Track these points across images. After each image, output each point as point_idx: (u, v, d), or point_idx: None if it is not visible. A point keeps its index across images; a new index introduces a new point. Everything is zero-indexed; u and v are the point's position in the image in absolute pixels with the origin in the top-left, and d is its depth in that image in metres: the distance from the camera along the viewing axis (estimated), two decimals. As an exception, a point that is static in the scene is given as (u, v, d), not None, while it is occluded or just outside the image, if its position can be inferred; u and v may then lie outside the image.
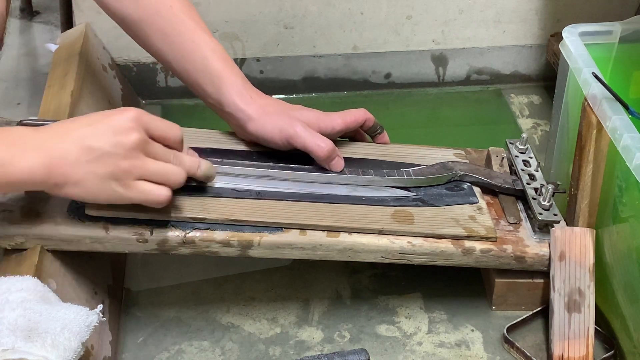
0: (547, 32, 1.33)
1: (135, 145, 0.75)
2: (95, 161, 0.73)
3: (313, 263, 0.92)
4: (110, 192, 0.75)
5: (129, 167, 0.75)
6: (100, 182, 0.74)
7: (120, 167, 0.74)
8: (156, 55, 0.94)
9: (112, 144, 0.74)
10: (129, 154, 0.75)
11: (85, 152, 0.73)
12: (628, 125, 0.83)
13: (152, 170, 0.77)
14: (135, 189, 0.76)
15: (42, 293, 0.74)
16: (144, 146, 0.76)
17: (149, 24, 0.92)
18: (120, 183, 0.75)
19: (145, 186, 0.76)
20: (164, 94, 1.30)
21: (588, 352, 0.86)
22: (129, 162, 0.75)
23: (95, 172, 0.74)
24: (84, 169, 0.73)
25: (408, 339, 0.91)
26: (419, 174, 0.94)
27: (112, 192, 0.75)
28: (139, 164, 0.75)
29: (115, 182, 0.75)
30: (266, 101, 0.93)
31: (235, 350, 0.89)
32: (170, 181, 0.78)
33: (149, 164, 0.76)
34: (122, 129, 0.75)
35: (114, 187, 0.75)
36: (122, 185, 0.75)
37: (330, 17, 1.28)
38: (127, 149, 0.74)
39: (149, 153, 0.77)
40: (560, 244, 0.88)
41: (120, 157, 0.74)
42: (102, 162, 0.74)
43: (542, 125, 1.28)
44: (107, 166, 0.74)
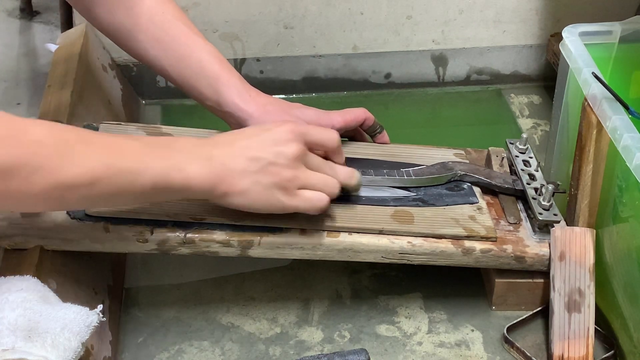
0: (547, 32, 1.33)
1: (296, 156, 0.78)
2: (260, 171, 0.77)
3: (313, 263, 0.92)
4: (274, 201, 0.78)
5: (292, 176, 0.78)
6: (264, 191, 0.77)
7: (284, 176, 0.77)
8: (151, 62, 0.94)
9: (275, 154, 0.77)
10: (291, 164, 0.78)
11: (251, 162, 0.76)
12: (628, 125, 0.83)
13: (312, 180, 0.80)
14: (298, 198, 0.79)
15: (42, 293, 0.74)
16: (303, 157, 0.79)
17: (142, 31, 0.92)
18: (283, 192, 0.78)
19: (307, 194, 0.80)
20: (164, 94, 1.30)
21: (588, 352, 0.86)
22: (291, 171, 0.78)
23: (261, 182, 0.77)
24: (250, 178, 0.76)
25: (408, 339, 0.91)
26: (419, 174, 0.94)
27: (275, 200, 0.78)
28: (301, 174, 0.79)
29: (279, 191, 0.78)
30: (266, 100, 0.93)
31: (235, 350, 0.89)
32: (326, 191, 0.81)
33: (309, 174, 0.80)
34: (283, 140, 0.78)
35: (278, 196, 0.78)
36: (285, 194, 0.78)
37: (330, 17, 1.28)
38: (289, 159, 0.78)
39: (307, 164, 0.80)
40: (560, 244, 0.88)
41: (283, 167, 0.77)
42: (266, 172, 0.77)
43: (542, 125, 1.28)
44: (271, 176, 0.77)
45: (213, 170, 0.75)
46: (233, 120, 0.93)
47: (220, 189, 0.76)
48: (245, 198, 0.77)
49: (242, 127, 0.93)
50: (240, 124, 0.93)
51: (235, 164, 0.76)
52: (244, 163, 0.76)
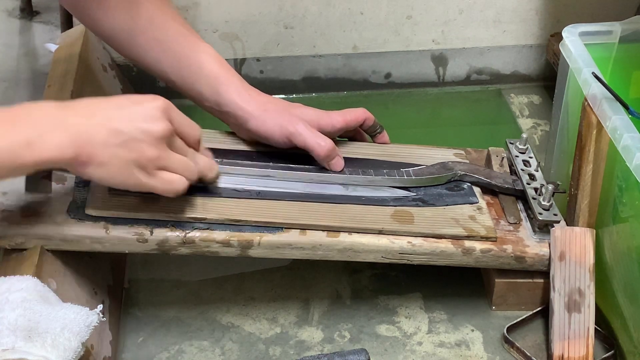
0: (547, 32, 1.33)
1: (162, 136, 0.76)
2: (121, 146, 0.74)
3: (313, 263, 0.92)
4: (132, 178, 0.76)
5: (154, 156, 0.76)
6: (124, 166, 0.75)
7: (146, 154, 0.75)
8: (149, 64, 0.94)
9: (140, 131, 0.75)
10: (155, 143, 0.75)
11: (113, 135, 0.74)
12: (628, 125, 0.83)
13: (174, 163, 0.78)
14: (157, 178, 0.77)
15: (42, 293, 0.74)
16: (169, 138, 0.77)
17: (141, 33, 0.92)
18: (142, 170, 0.76)
19: (167, 176, 0.77)
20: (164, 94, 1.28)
21: (588, 352, 0.86)
22: (154, 151, 0.76)
23: (121, 156, 0.74)
24: (110, 151, 0.74)
25: (408, 339, 0.91)
26: (419, 174, 0.94)
27: (134, 178, 0.76)
28: (164, 155, 0.77)
29: (138, 169, 0.75)
30: (266, 99, 0.93)
31: (235, 350, 0.89)
32: (185, 175, 0.79)
33: (171, 155, 0.78)
34: (151, 117, 0.76)
35: (137, 174, 0.76)
36: (144, 173, 0.76)
37: (330, 17, 1.28)
38: (154, 138, 0.75)
39: (171, 145, 0.78)
40: (560, 244, 0.88)
41: (146, 144, 0.75)
42: (129, 147, 0.74)
43: (542, 125, 1.28)
44: (133, 152, 0.74)
45: (70, 140, 0.72)
46: (233, 120, 0.93)
47: (79, 159, 0.73)
48: (103, 170, 0.74)
49: (243, 127, 0.93)
50: (241, 124, 0.93)
51: (95, 135, 0.73)
52: (105, 135, 0.73)
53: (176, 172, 0.78)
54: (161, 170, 0.77)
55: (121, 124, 0.74)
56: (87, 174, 0.75)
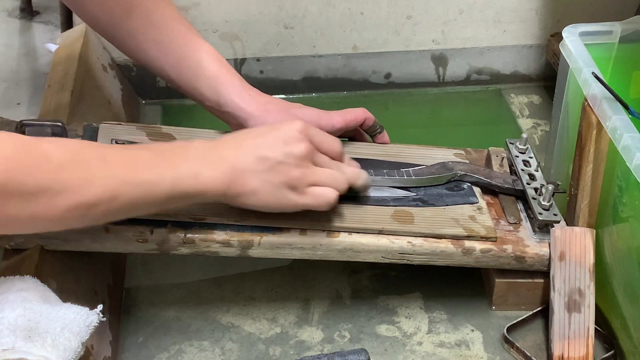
0: (547, 32, 1.33)
1: (304, 155, 0.79)
2: (270, 171, 0.78)
3: (313, 263, 0.92)
4: (285, 200, 0.79)
5: (301, 175, 0.79)
6: (275, 190, 0.78)
7: (293, 175, 0.79)
8: (150, 63, 0.94)
9: (284, 154, 0.78)
10: (300, 163, 0.79)
11: (260, 162, 0.78)
12: (628, 125, 0.83)
13: (321, 177, 0.81)
14: (308, 195, 0.80)
15: (42, 293, 0.74)
16: (312, 156, 0.80)
17: (141, 32, 0.92)
18: (293, 190, 0.79)
19: (316, 190, 0.81)
20: (164, 94, 1.30)
21: (588, 352, 0.86)
22: (300, 170, 0.79)
23: (271, 181, 0.78)
24: (260, 178, 0.77)
25: (408, 339, 0.91)
26: (419, 174, 0.94)
27: (286, 199, 0.79)
28: (309, 172, 0.80)
29: (289, 190, 0.79)
30: (266, 99, 0.93)
31: (235, 350, 0.89)
32: (334, 186, 0.82)
33: (317, 170, 0.81)
34: (292, 139, 0.79)
35: (288, 195, 0.79)
36: (295, 193, 0.79)
37: (330, 17, 1.28)
38: (298, 159, 0.79)
39: (315, 162, 0.81)
40: (560, 244, 0.88)
41: (292, 166, 0.78)
42: (276, 171, 0.78)
43: (542, 125, 1.28)
44: (281, 175, 0.78)
45: (225, 172, 0.76)
46: (233, 120, 0.93)
47: (232, 190, 0.77)
48: (256, 197, 0.78)
49: (243, 127, 0.93)
50: (241, 124, 0.93)
51: (245, 164, 0.77)
52: (253, 163, 0.77)
53: (325, 185, 0.81)
54: (310, 186, 0.80)
55: (265, 151, 0.78)
56: (241, 203, 0.79)
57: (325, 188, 0.81)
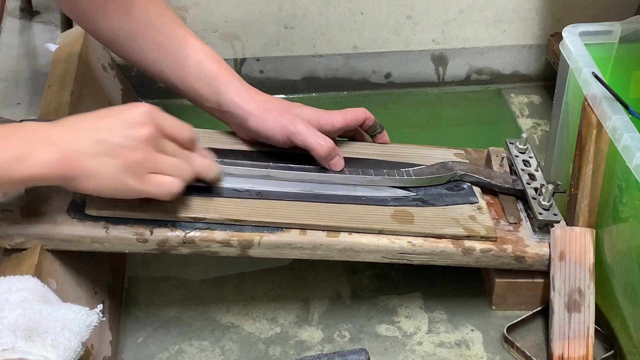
0: (547, 32, 1.33)
1: (146, 139, 0.76)
2: (107, 154, 0.74)
3: (313, 263, 0.92)
4: (124, 185, 0.76)
5: (141, 159, 0.76)
6: (113, 174, 0.75)
7: (132, 159, 0.75)
8: (149, 66, 0.94)
9: (124, 137, 0.75)
10: (140, 147, 0.76)
11: (97, 144, 0.74)
12: (628, 125, 0.83)
13: (163, 164, 0.78)
14: (148, 182, 0.77)
15: (42, 293, 0.74)
16: (155, 141, 0.77)
17: (141, 35, 0.92)
18: (133, 176, 0.76)
19: (157, 178, 0.77)
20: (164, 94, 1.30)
21: (588, 352, 0.86)
22: (141, 154, 0.76)
23: (109, 164, 0.74)
24: (96, 161, 0.74)
25: (408, 339, 0.91)
26: (419, 174, 0.94)
27: (125, 185, 0.76)
28: (151, 158, 0.77)
29: (128, 175, 0.75)
30: (266, 98, 0.93)
31: (235, 350, 0.89)
32: (178, 176, 0.79)
33: (159, 157, 0.77)
34: (134, 122, 0.76)
35: (127, 180, 0.76)
36: (135, 178, 0.76)
37: (330, 17, 1.28)
38: (139, 142, 0.76)
39: (160, 149, 0.78)
40: (560, 244, 0.88)
41: (132, 149, 0.75)
42: (114, 154, 0.75)
43: (542, 125, 1.28)
44: (119, 158, 0.75)
45: (57, 155, 0.73)
46: (233, 119, 0.93)
47: (68, 174, 0.74)
48: (95, 181, 0.75)
49: (243, 127, 0.93)
50: (241, 124, 0.93)
51: (80, 147, 0.74)
52: (89, 145, 0.74)
53: (168, 174, 0.78)
54: (153, 174, 0.77)
55: (104, 134, 0.75)
56: (79, 187, 0.75)
57: (168, 177, 0.78)
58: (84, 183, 0.75)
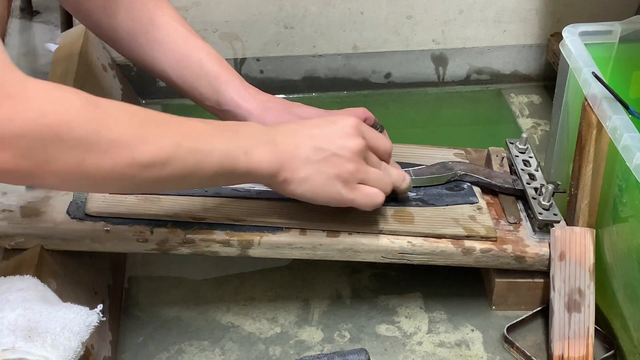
0: (547, 32, 1.33)
1: (359, 151, 0.79)
2: (324, 161, 0.78)
3: (313, 263, 0.92)
4: (334, 192, 0.79)
5: (354, 170, 0.79)
6: (325, 181, 0.78)
7: (346, 169, 0.79)
8: (150, 64, 0.94)
9: (339, 147, 0.78)
10: (353, 158, 0.79)
11: (315, 151, 0.77)
12: (628, 125, 0.83)
13: (371, 175, 0.81)
14: (357, 191, 0.80)
15: (42, 293, 0.74)
16: (365, 153, 0.80)
17: (142, 33, 0.92)
18: (343, 184, 0.79)
19: (366, 189, 0.81)
20: (164, 94, 1.30)
21: (588, 352, 0.86)
22: (354, 165, 0.79)
23: (323, 172, 0.78)
24: (312, 167, 0.77)
25: (408, 339, 0.91)
26: (419, 174, 0.94)
27: (335, 192, 0.79)
28: (362, 169, 0.80)
29: (340, 183, 0.79)
30: (266, 97, 0.93)
31: (235, 350, 0.89)
32: (381, 188, 0.82)
33: (368, 169, 0.81)
34: (347, 134, 0.79)
35: (338, 188, 0.79)
36: (346, 187, 0.79)
37: (330, 17, 1.28)
38: (353, 153, 0.79)
39: (366, 160, 0.81)
40: (560, 244, 0.88)
41: (346, 159, 0.78)
42: (330, 162, 0.78)
43: (542, 125, 1.28)
44: (334, 167, 0.78)
45: (277, 155, 0.76)
46: (233, 119, 0.93)
47: (282, 175, 0.77)
48: (306, 186, 0.78)
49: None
50: (241, 123, 0.93)
51: (299, 152, 0.77)
52: (307, 151, 0.77)
53: (374, 185, 0.81)
54: (360, 184, 0.80)
55: (321, 141, 0.78)
56: (291, 190, 0.78)
57: (374, 189, 0.81)
58: (295, 186, 0.78)
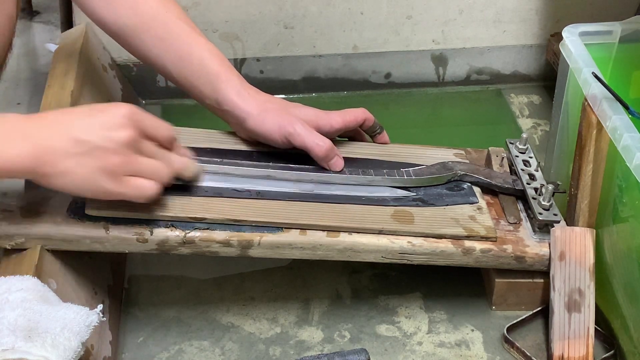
0: (547, 32, 1.33)
1: (126, 142, 0.75)
2: (84, 154, 0.73)
3: (313, 263, 0.92)
4: (98, 187, 0.75)
5: (119, 162, 0.75)
6: (88, 175, 0.74)
7: (110, 161, 0.74)
8: (152, 60, 0.94)
9: (103, 138, 0.74)
10: (119, 150, 0.75)
11: (74, 144, 0.73)
12: (628, 125, 0.83)
13: (141, 167, 0.77)
14: (125, 184, 0.76)
15: (42, 293, 0.74)
16: (135, 143, 0.76)
17: (145, 30, 0.93)
18: (109, 178, 0.75)
19: (135, 182, 0.77)
20: (164, 94, 1.30)
21: (588, 352, 0.86)
22: (119, 158, 0.75)
23: (84, 165, 0.73)
24: (72, 160, 0.73)
25: (408, 339, 0.91)
26: (419, 174, 0.94)
27: (99, 186, 0.75)
28: (130, 161, 0.76)
29: (104, 177, 0.75)
30: (265, 98, 0.93)
31: (235, 350, 0.89)
32: (155, 178, 0.78)
33: (138, 160, 0.76)
34: (114, 124, 0.75)
35: (103, 182, 0.75)
36: (111, 181, 0.75)
37: (330, 17, 1.28)
38: (118, 145, 0.74)
39: (139, 150, 0.77)
40: (560, 244, 0.88)
41: (111, 152, 0.74)
42: (92, 155, 0.73)
43: (542, 125, 1.28)
44: (97, 160, 0.74)
45: (32, 149, 0.71)
46: (232, 119, 0.93)
47: (41, 170, 0.72)
48: (68, 180, 0.74)
49: (242, 126, 0.93)
50: (240, 123, 0.93)
51: (56, 144, 0.73)
52: (66, 143, 0.73)
53: (146, 176, 0.77)
54: (130, 176, 0.76)
55: (84, 133, 0.74)
56: (51, 185, 0.74)
57: (145, 180, 0.77)
58: (55, 181, 0.74)
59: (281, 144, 0.91)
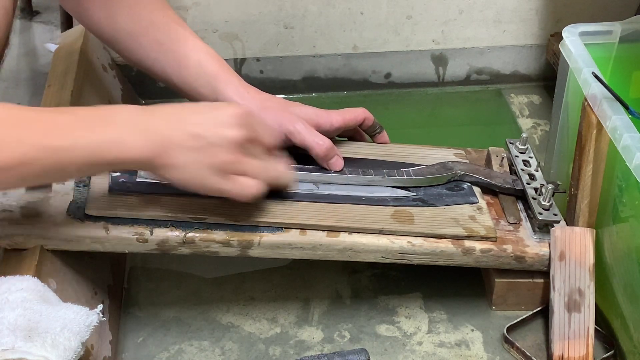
0: (547, 32, 1.33)
1: (238, 142, 0.78)
2: (198, 149, 0.76)
3: (313, 263, 0.92)
4: (205, 182, 0.78)
5: (229, 160, 0.77)
6: (200, 169, 0.77)
7: (223, 159, 0.77)
8: (150, 65, 0.94)
9: (217, 136, 0.76)
10: (231, 148, 0.77)
11: (190, 138, 0.76)
12: (628, 125, 0.83)
13: (248, 167, 0.79)
14: (232, 182, 0.78)
15: (42, 293, 0.74)
16: (245, 144, 0.78)
17: (143, 34, 0.93)
18: (217, 174, 0.77)
19: (240, 180, 0.79)
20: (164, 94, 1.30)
21: (588, 352, 0.86)
22: (230, 156, 0.77)
23: (198, 160, 0.76)
24: (187, 155, 0.76)
25: (408, 339, 0.91)
26: (419, 174, 0.94)
27: (207, 182, 0.78)
28: (239, 160, 0.78)
29: (213, 173, 0.77)
30: (264, 97, 0.94)
31: (235, 350, 0.89)
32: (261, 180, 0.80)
33: (246, 160, 0.79)
34: (228, 123, 0.77)
35: (212, 178, 0.77)
36: (219, 177, 0.78)
37: (330, 17, 1.28)
38: (230, 143, 0.77)
39: (247, 151, 0.79)
40: (560, 244, 0.88)
41: (223, 149, 0.77)
42: (205, 151, 0.76)
43: (542, 125, 1.28)
44: (210, 157, 0.76)
45: (152, 142, 0.74)
46: (233, 119, 0.93)
47: (157, 161, 0.75)
48: (180, 173, 0.76)
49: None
50: (240, 123, 0.93)
51: (174, 136, 0.75)
52: (182, 137, 0.75)
53: (252, 177, 0.80)
54: (237, 175, 0.79)
55: (199, 129, 0.76)
56: (165, 176, 0.77)
57: (251, 180, 0.79)
58: (170, 173, 0.76)
59: (281, 142, 0.91)
